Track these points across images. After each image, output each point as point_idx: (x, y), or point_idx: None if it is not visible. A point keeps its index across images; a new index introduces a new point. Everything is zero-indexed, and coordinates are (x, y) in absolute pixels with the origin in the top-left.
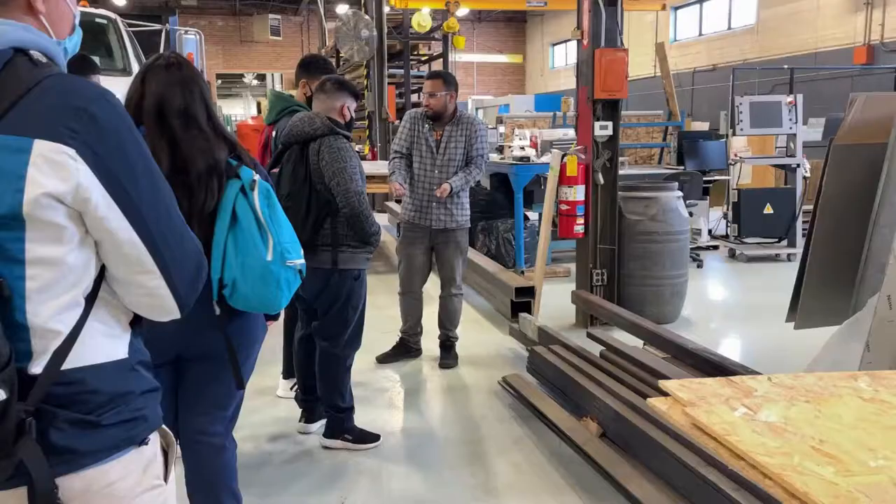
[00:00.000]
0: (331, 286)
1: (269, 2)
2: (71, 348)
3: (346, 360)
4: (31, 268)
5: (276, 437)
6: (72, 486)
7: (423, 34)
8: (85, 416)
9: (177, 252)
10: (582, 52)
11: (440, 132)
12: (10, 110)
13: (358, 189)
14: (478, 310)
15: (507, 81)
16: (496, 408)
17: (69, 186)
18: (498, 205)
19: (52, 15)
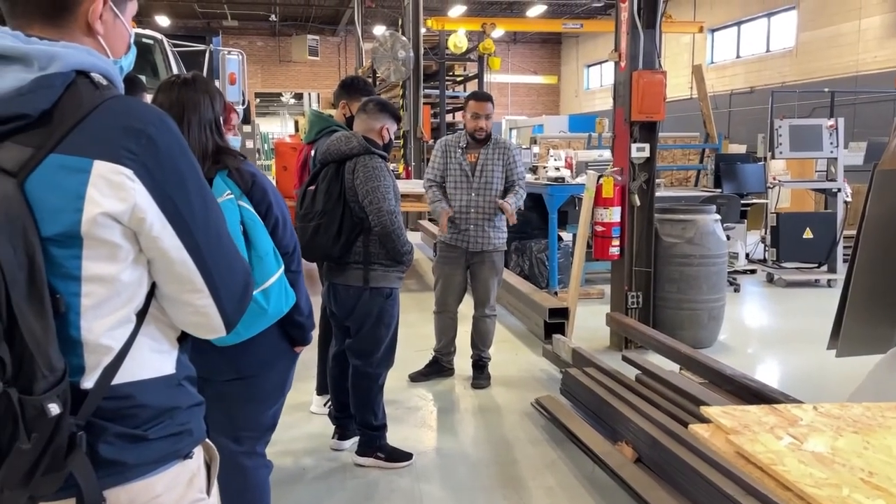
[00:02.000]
0: (362, 304)
1: (307, 23)
2: (121, 364)
3: (378, 378)
4: (86, 285)
5: (309, 452)
6: (118, 499)
7: (458, 55)
8: (133, 430)
9: (225, 272)
10: (619, 73)
11: (475, 155)
12: (72, 131)
13: (390, 208)
14: (511, 330)
15: (541, 102)
16: (529, 430)
17: (126, 206)
18: (531, 225)
19: (109, 35)
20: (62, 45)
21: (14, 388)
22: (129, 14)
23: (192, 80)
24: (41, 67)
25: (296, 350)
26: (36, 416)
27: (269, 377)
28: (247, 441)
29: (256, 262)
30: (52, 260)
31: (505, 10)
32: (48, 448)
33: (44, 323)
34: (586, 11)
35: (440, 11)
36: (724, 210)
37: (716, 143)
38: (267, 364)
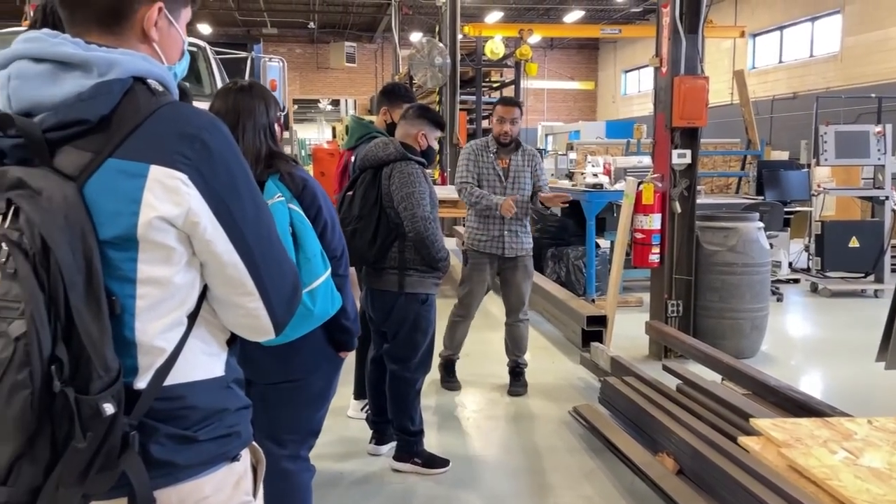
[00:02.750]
0: (398, 309)
1: (345, 30)
2: (173, 365)
3: (415, 383)
4: (141, 287)
5: (347, 457)
6: (168, 499)
7: (495, 61)
8: (183, 432)
9: (275, 275)
10: (660, 79)
11: (506, 161)
12: (129, 137)
13: (424, 214)
14: (547, 337)
15: (577, 108)
16: (567, 438)
17: (181, 210)
18: (568, 231)
19: (164, 42)
20: (120, 51)
21: (71, 387)
22: (183, 21)
23: (248, 87)
24: (101, 74)
25: (340, 355)
26: (91, 415)
27: (315, 381)
28: (290, 444)
29: (304, 263)
30: (108, 262)
31: (542, 16)
32: (102, 447)
33: (100, 324)
34: (624, 17)
35: (477, 18)
36: (767, 218)
37: (758, 149)
38: (313, 368)
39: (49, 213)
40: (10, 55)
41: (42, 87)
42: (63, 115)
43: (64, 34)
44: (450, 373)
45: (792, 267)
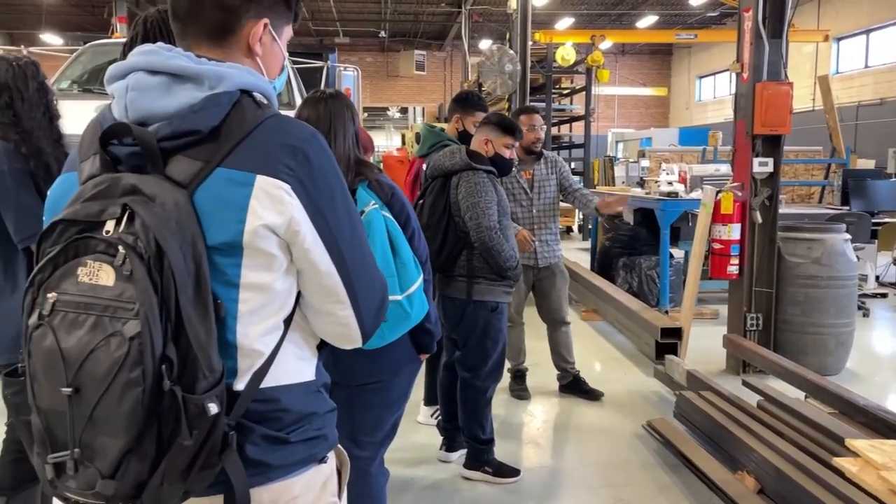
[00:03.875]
0: (467, 317)
1: (415, 38)
2: (269, 368)
3: (486, 391)
4: (244, 292)
5: (417, 462)
6: (261, 498)
7: (566, 68)
8: (276, 433)
9: (366, 285)
10: (741, 85)
11: (529, 172)
12: (237, 147)
13: (490, 224)
14: (618, 348)
15: (649, 114)
16: (641, 452)
17: (284, 219)
18: (640, 240)
19: (266, 57)
20: (228, 65)
21: (178, 386)
22: (284, 38)
23: (336, 95)
24: (211, 86)
25: (420, 357)
26: (197, 414)
27: (397, 383)
28: (368, 447)
29: (401, 268)
30: (214, 267)
31: (614, 21)
32: (205, 445)
33: (207, 326)
34: (700, 21)
35: (547, 24)
36: (854, 229)
37: (843, 157)
38: (397, 369)
39: (162, 218)
40: (127, 67)
41: (157, 99)
42: (176, 126)
43: (176, 48)
44: (519, 382)
45: (879, 281)
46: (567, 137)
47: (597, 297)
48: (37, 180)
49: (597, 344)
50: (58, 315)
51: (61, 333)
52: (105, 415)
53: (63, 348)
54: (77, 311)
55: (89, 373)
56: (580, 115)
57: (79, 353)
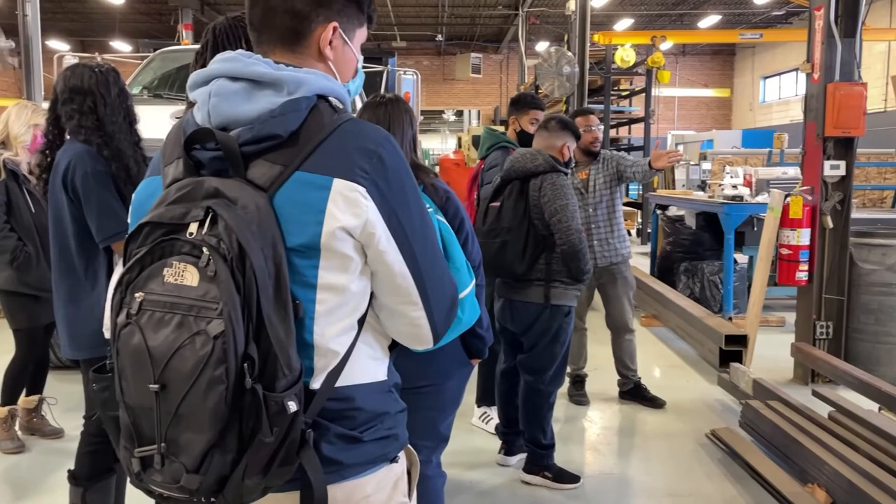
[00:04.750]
0: (542, 321)
1: (471, 41)
2: (344, 368)
3: (550, 395)
4: (321, 293)
5: (474, 465)
6: (335, 496)
7: (625, 69)
8: (350, 432)
9: (438, 286)
10: (811, 85)
11: (585, 172)
12: (315, 151)
13: (578, 227)
14: (680, 355)
15: (710, 116)
16: (704, 462)
17: (360, 221)
18: (703, 245)
19: (339, 61)
20: (306, 71)
21: (259, 384)
22: (357, 41)
23: (395, 100)
24: (290, 92)
25: (472, 362)
26: (277, 411)
27: (450, 386)
28: (424, 450)
29: (454, 273)
30: (293, 268)
31: (675, 21)
32: (285, 442)
33: (287, 326)
34: (765, 21)
35: (606, 26)
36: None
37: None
38: (449, 373)
39: (245, 221)
40: (209, 74)
41: (239, 104)
42: (257, 131)
43: (255, 54)
44: (579, 387)
45: None
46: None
47: (657, 303)
48: (117, 182)
49: (657, 350)
50: (145, 314)
51: (148, 332)
52: (190, 411)
53: (150, 346)
54: (163, 310)
55: (175, 370)
56: (639, 118)
57: (165, 351)
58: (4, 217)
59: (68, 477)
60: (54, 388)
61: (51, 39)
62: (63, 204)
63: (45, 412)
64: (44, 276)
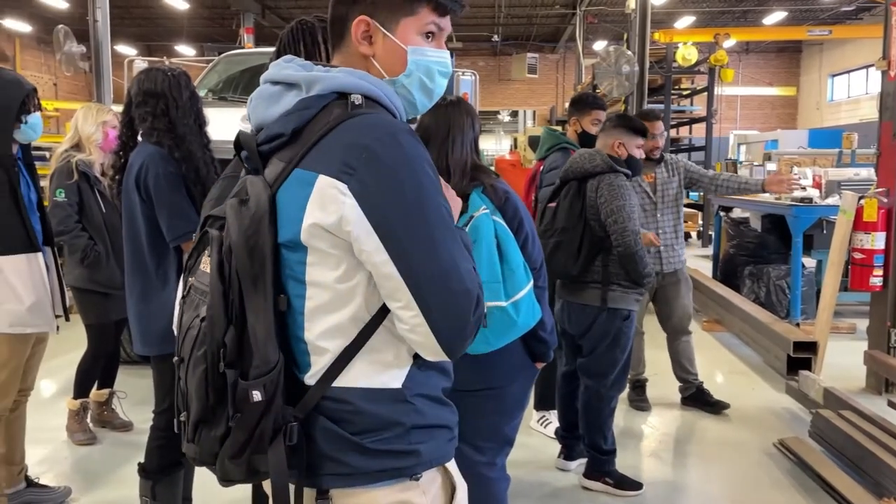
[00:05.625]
0: (599, 324)
1: (527, 41)
2: (343, 367)
3: (610, 400)
4: (309, 288)
5: (533, 469)
6: (344, 501)
7: (686, 68)
8: (351, 436)
9: (439, 293)
10: (887, 83)
11: (651, 175)
12: (312, 148)
13: (635, 228)
14: (745, 361)
15: (775, 115)
16: (772, 472)
17: (334, 218)
18: (769, 248)
19: (381, 55)
20: (336, 70)
21: (234, 370)
22: (405, 31)
23: (457, 102)
24: (307, 91)
25: (536, 366)
26: (242, 398)
27: (513, 390)
28: (488, 452)
29: (508, 274)
30: (285, 263)
31: (738, 18)
32: (255, 430)
33: (263, 318)
34: (833, 17)
35: (666, 24)
36: None
37: None
38: (512, 377)
39: (240, 216)
40: (260, 80)
41: (268, 107)
42: (269, 130)
43: (297, 58)
44: (639, 392)
45: None
46: (686, 140)
47: (721, 307)
48: (187, 183)
49: (721, 356)
50: (189, 296)
51: (185, 311)
52: (189, 385)
53: (182, 324)
54: (196, 293)
55: (185, 346)
56: (701, 117)
57: (185, 328)
58: (76, 217)
59: (138, 470)
60: (124, 382)
61: (119, 44)
62: (136, 204)
63: (116, 405)
64: (113, 274)
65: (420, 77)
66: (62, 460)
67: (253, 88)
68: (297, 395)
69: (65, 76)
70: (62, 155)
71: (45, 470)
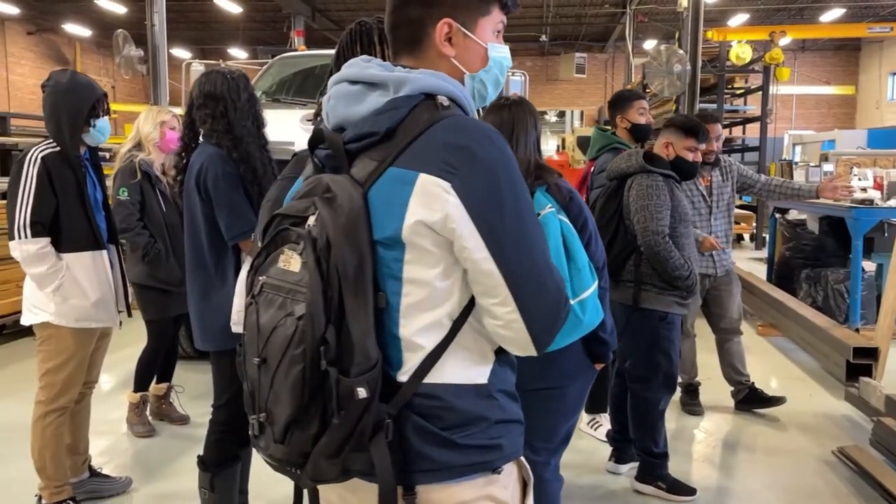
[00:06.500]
0: (632, 325)
1: (576, 41)
2: (433, 365)
3: (657, 404)
4: (406, 286)
5: (585, 471)
6: (428, 497)
7: (740, 67)
8: (441, 432)
9: (535, 289)
10: None
11: (707, 178)
12: (407, 147)
13: (657, 228)
14: (802, 367)
15: (832, 115)
16: (831, 481)
17: (439, 216)
18: (826, 251)
19: (462, 55)
20: (419, 71)
21: (335, 368)
22: (482, 29)
23: (520, 101)
24: (395, 91)
25: (595, 366)
26: (346, 395)
27: (572, 390)
28: (543, 452)
29: (575, 273)
30: (380, 261)
31: (794, 16)
32: (355, 428)
33: (364, 315)
34: (894, 13)
35: (719, 22)
36: None
37: None
38: (572, 376)
39: (336, 214)
40: (336, 79)
41: (351, 106)
42: (359, 129)
43: (375, 58)
44: (692, 397)
45: None
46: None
47: (776, 311)
48: (245, 183)
49: (776, 361)
50: (262, 295)
51: (261, 310)
52: (279, 385)
53: (260, 323)
54: (273, 292)
55: (272, 346)
56: (755, 117)
57: (268, 328)
58: (138, 215)
59: (198, 462)
60: (181, 377)
61: (174, 47)
62: (196, 204)
63: (173, 399)
64: (172, 271)
65: (496, 73)
66: (122, 452)
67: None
68: (388, 392)
69: (122, 79)
70: (125, 155)
71: (106, 461)
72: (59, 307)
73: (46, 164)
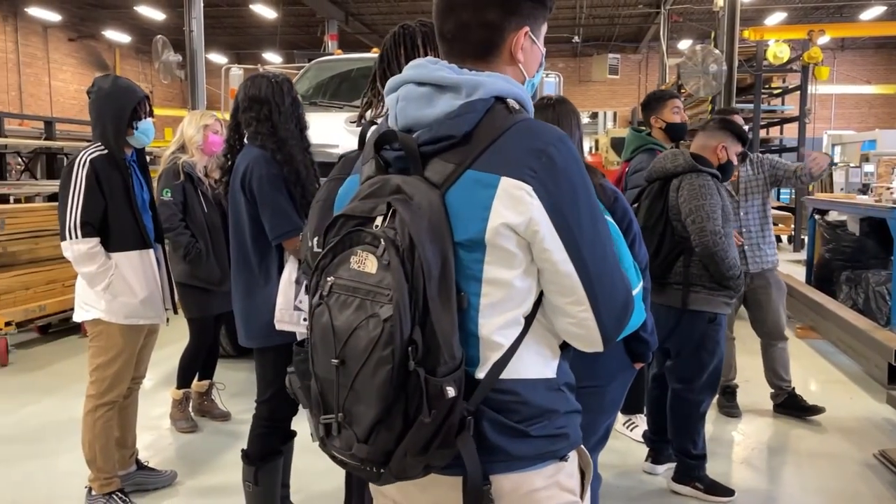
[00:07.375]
0: (681, 327)
1: (609, 42)
2: (509, 361)
3: (700, 405)
4: (485, 286)
5: (620, 472)
6: (501, 486)
7: (777, 66)
8: (516, 424)
9: (607, 288)
10: None
11: (734, 174)
12: (486, 151)
13: (714, 228)
14: (842, 370)
15: (872, 114)
16: (873, 485)
17: (523, 219)
18: (867, 253)
19: (527, 60)
20: (486, 74)
21: (422, 368)
22: (542, 35)
23: (562, 101)
24: (468, 94)
25: (635, 366)
26: (436, 394)
27: (612, 389)
28: (592, 450)
29: None
30: (460, 262)
31: (832, 14)
32: (443, 425)
33: (450, 315)
34: None
35: (755, 21)
36: None
37: None
38: (612, 375)
39: (417, 216)
40: (400, 80)
41: (422, 107)
42: (435, 132)
43: (440, 61)
44: (729, 399)
45: None
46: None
47: (815, 314)
48: (288, 185)
49: (816, 364)
50: (333, 296)
51: (335, 312)
52: (362, 386)
53: (335, 325)
54: (347, 293)
55: (352, 347)
56: (793, 117)
57: (345, 329)
58: (181, 215)
59: (242, 456)
60: (222, 374)
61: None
62: (241, 204)
63: (215, 396)
64: (212, 270)
65: (542, 75)
66: (167, 446)
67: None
68: (467, 389)
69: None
70: (170, 157)
71: (151, 455)
72: (109, 304)
73: (94, 166)
